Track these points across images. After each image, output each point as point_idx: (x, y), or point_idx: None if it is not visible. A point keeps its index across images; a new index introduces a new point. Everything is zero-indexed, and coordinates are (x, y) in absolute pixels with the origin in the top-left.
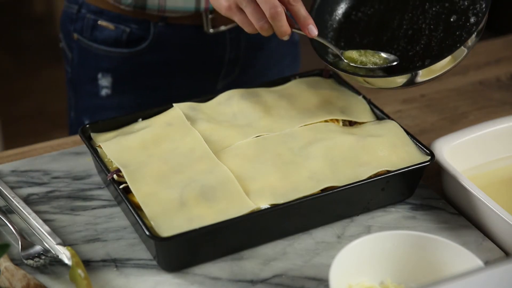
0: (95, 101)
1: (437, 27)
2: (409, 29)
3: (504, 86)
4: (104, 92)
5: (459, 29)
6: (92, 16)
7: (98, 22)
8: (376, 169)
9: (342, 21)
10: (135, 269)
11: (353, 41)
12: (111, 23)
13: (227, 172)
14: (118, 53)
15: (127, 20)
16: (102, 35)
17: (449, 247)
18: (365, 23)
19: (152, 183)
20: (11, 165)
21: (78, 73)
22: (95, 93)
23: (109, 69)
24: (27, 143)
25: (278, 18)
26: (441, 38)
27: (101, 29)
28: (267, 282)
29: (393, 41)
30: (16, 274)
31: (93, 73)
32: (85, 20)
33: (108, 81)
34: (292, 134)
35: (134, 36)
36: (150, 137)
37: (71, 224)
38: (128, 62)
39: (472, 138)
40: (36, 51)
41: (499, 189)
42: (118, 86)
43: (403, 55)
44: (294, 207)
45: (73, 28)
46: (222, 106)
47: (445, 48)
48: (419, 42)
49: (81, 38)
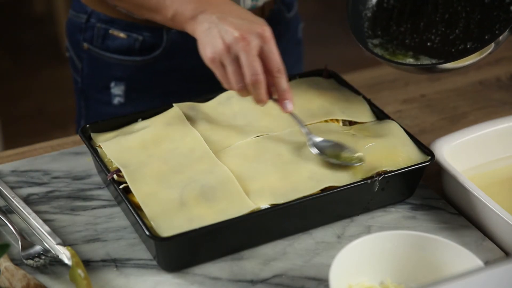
0: (107, 109)
1: (474, 8)
2: (445, 13)
3: (504, 86)
4: (117, 101)
5: (496, 9)
6: (102, 25)
7: (110, 31)
8: (376, 169)
9: (375, 9)
10: (135, 269)
11: (390, 29)
12: (123, 32)
13: (227, 172)
14: (131, 61)
15: (139, 28)
16: (114, 44)
17: (449, 247)
18: (398, 10)
19: (152, 183)
20: (11, 165)
21: (89, 83)
22: (107, 102)
23: (122, 78)
24: (27, 143)
25: (257, 86)
26: (479, 20)
27: (112, 38)
28: (267, 282)
29: (431, 26)
30: (16, 274)
31: (105, 82)
32: (95, 30)
33: (121, 90)
34: (292, 134)
35: (147, 44)
36: (150, 137)
37: (71, 224)
38: (141, 70)
39: (472, 138)
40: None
41: (499, 189)
42: (131, 94)
43: (444, 39)
44: (294, 207)
45: (83, 38)
46: (222, 106)
47: (484, 29)
48: (458, 26)
49: (91, 47)
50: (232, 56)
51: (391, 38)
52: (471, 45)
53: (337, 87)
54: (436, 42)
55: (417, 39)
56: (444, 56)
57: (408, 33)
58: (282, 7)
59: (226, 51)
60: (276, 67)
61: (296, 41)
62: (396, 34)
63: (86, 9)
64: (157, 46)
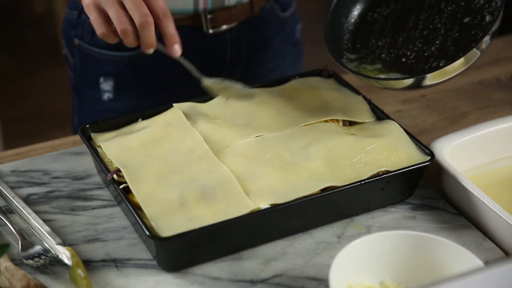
0: (97, 105)
1: (453, 26)
2: (425, 29)
3: (504, 86)
4: (106, 97)
5: (475, 28)
6: None
7: None
8: (376, 169)
9: (358, 22)
10: (135, 269)
11: (369, 42)
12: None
13: (227, 172)
14: (119, 56)
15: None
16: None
17: (449, 247)
18: (381, 24)
19: (152, 183)
20: (11, 165)
21: (80, 79)
22: (97, 98)
23: (110, 73)
24: (27, 143)
25: (147, 27)
26: (457, 38)
27: None
28: (267, 282)
29: (409, 42)
30: (16, 274)
31: (95, 77)
32: (85, 25)
33: (110, 85)
34: (292, 134)
35: None
36: (150, 137)
37: (71, 224)
38: (129, 65)
39: (472, 138)
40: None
41: (499, 189)
42: (120, 90)
43: (419, 55)
44: (294, 207)
45: (74, 34)
46: (222, 106)
47: (460, 48)
48: (435, 42)
49: (82, 43)
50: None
51: (368, 52)
52: (444, 63)
53: (337, 87)
54: (411, 58)
55: (393, 54)
56: (415, 73)
57: (386, 48)
58: (274, 5)
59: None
60: (162, 11)
61: (294, 41)
62: (374, 48)
63: (78, 6)
64: None
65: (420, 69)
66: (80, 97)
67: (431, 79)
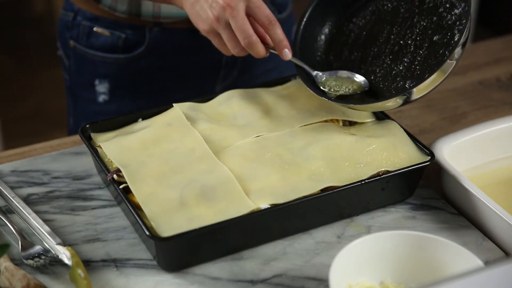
0: (93, 107)
1: (422, 43)
2: (396, 44)
3: (504, 86)
4: (102, 98)
5: (443, 46)
6: (87, 23)
7: (94, 28)
8: (376, 169)
9: (334, 32)
10: (135, 269)
11: (342, 55)
12: (106, 30)
13: (227, 172)
14: (114, 59)
15: (122, 26)
16: (98, 41)
17: (449, 247)
18: (355, 35)
19: (152, 183)
20: (11, 165)
21: (75, 80)
22: (93, 100)
23: (106, 75)
24: (27, 143)
25: (252, 47)
26: (425, 56)
27: (96, 35)
28: (267, 282)
29: (378, 58)
30: (16, 274)
31: (90, 79)
32: (80, 27)
33: (105, 87)
34: (292, 134)
35: (130, 41)
36: (150, 137)
37: (71, 224)
38: (125, 67)
39: (472, 138)
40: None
41: (499, 189)
42: (116, 92)
43: (387, 73)
44: (294, 207)
45: (69, 36)
46: (222, 106)
47: (427, 68)
48: (403, 61)
49: (77, 45)
50: (223, 24)
51: (340, 66)
52: (409, 84)
53: None
54: (378, 76)
55: (362, 70)
56: (380, 92)
57: (357, 62)
58: (271, 7)
59: (216, 21)
60: (266, 20)
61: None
62: (346, 62)
63: (73, 7)
64: (140, 44)
65: (387, 88)
66: (75, 99)
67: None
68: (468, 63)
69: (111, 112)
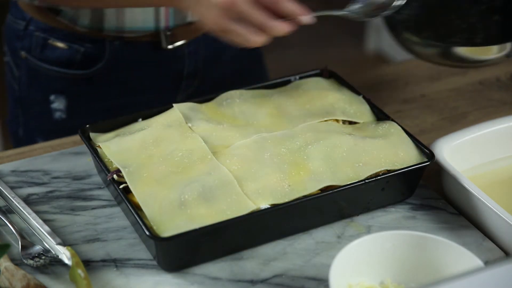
0: (48, 124)
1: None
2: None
3: (504, 86)
4: (58, 115)
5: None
6: (41, 34)
7: (49, 41)
8: (376, 169)
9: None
10: (135, 269)
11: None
12: (63, 42)
13: (227, 174)
14: (71, 74)
15: (81, 39)
16: (54, 54)
17: (449, 247)
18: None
19: (152, 183)
20: (11, 165)
21: (27, 93)
22: (47, 116)
23: (62, 91)
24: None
25: (270, 30)
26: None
27: (52, 48)
28: (267, 282)
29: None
30: (16, 274)
31: (44, 94)
32: (33, 38)
33: (62, 104)
34: (292, 134)
35: (89, 55)
36: (150, 137)
37: (71, 224)
38: (82, 83)
39: (472, 138)
40: None
41: (499, 189)
42: (73, 109)
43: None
44: (294, 207)
45: (21, 46)
46: (222, 106)
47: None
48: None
49: (29, 57)
50: (235, 20)
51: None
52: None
53: (337, 87)
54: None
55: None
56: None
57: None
58: None
59: (227, 18)
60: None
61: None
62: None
63: (25, 16)
64: (99, 58)
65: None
66: (26, 111)
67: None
68: None
69: (68, 128)
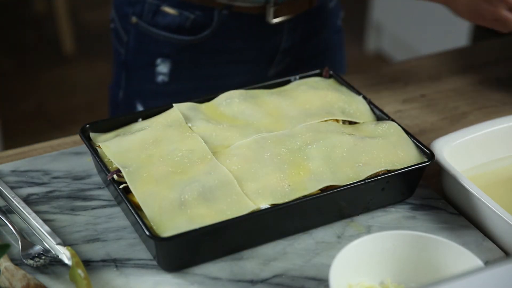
0: (150, 86)
1: None
2: None
3: (504, 86)
4: (161, 79)
5: None
6: (154, 0)
7: (161, 7)
8: (376, 169)
9: None
10: (135, 269)
11: None
12: (175, 9)
13: (227, 174)
14: (178, 40)
15: (192, 7)
16: (165, 20)
17: (449, 247)
18: None
19: (152, 183)
20: (11, 165)
21: (133, 57)
22: (150, 79)
23: (169, 55)
24: (27, 143)
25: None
26: None
27: (163, 14)
28: (267, 282)
29: None
30: (16, 274)
31: (151, 58)
32: (146, 4)
33: (166, 68)
34: (292, 134)
35: (198, 23)
36: (150, 137)
37: (71, 224)
38: (188, 49)
39: (472, 138)
40: (36, 51)
41: (499, 189)
42: (176, 73)
43: None
44: (294, 207)
45: (132, 12)
46: (222, 106)
47: None
48: None
49: (140, 22)
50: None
51: None
52: None
53: (337, 87)
54: None
55: None
56: None
57: None
58: None
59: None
60: None
61: (336, 29)
62: None
63: None
64: (206, 26)
65: None
66: (129, 74)
67: None
68: (468, 63)
69: (168, 92)
